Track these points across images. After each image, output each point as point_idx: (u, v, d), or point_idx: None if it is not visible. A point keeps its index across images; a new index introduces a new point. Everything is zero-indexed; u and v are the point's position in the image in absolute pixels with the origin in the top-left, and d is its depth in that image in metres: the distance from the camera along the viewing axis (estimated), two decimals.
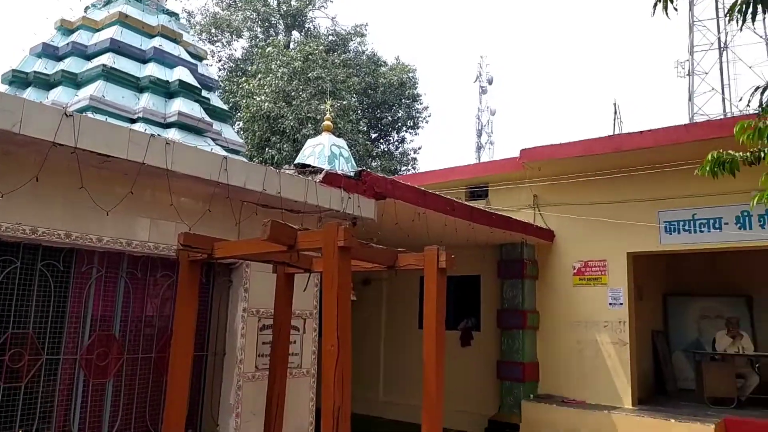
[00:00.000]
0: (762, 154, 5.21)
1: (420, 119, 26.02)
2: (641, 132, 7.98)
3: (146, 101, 6.41)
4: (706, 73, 23.25)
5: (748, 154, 5.27)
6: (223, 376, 5.07)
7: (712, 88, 22.69)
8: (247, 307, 5.22)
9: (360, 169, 6.19)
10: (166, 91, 6.68)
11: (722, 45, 22.96)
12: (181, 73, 6.77)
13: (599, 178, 8.58)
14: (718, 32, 22.99)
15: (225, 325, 5.21)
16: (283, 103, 18.07)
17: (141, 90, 6.58)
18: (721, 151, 5.39)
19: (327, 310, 3.04)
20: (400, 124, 25.54)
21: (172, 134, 6.26)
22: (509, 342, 8.86)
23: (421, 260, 3.72)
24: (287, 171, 5.39)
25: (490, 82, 32.33)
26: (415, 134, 30.89)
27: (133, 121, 6.28)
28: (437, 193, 7.02)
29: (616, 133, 15.20)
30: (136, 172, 4.14)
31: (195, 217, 4.73)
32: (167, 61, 6.87)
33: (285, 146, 17.84)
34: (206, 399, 5.08)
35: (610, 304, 8.51)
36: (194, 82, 6.87)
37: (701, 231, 7.99)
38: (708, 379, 8.31)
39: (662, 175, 8.09)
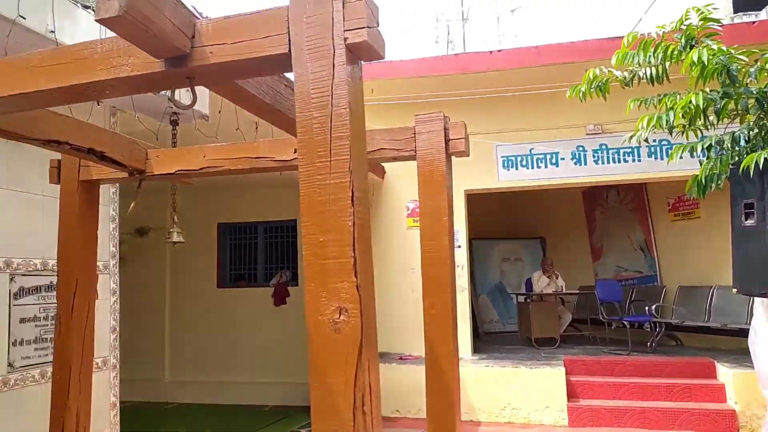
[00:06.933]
0: (644, 73, 4.75)
1: None
2: (491, 52, 7.17)
3: None
4: None
5: (626, 73, 4.78)
6: None
7: None
8: None
9: None
10: None
11: None
12: None
13: (439, 101, 7.54)
14: None
15: None
16: None
17: None
18: (602, 68, 4.84)
19: None
20: None
21: None
22: None
23: (410, 140, 1.98)
24: None
25: None
26: None
27: None
28: None
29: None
30: None
31: None
32: None
33: None
34: None
35: None
36: None
37: (538, 167, 7.62)
38: (535, 321, 8.14)
39: (502, 103, 7.45)
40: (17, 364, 2.96)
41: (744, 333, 5.09)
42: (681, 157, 4.44)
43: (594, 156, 7.43)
